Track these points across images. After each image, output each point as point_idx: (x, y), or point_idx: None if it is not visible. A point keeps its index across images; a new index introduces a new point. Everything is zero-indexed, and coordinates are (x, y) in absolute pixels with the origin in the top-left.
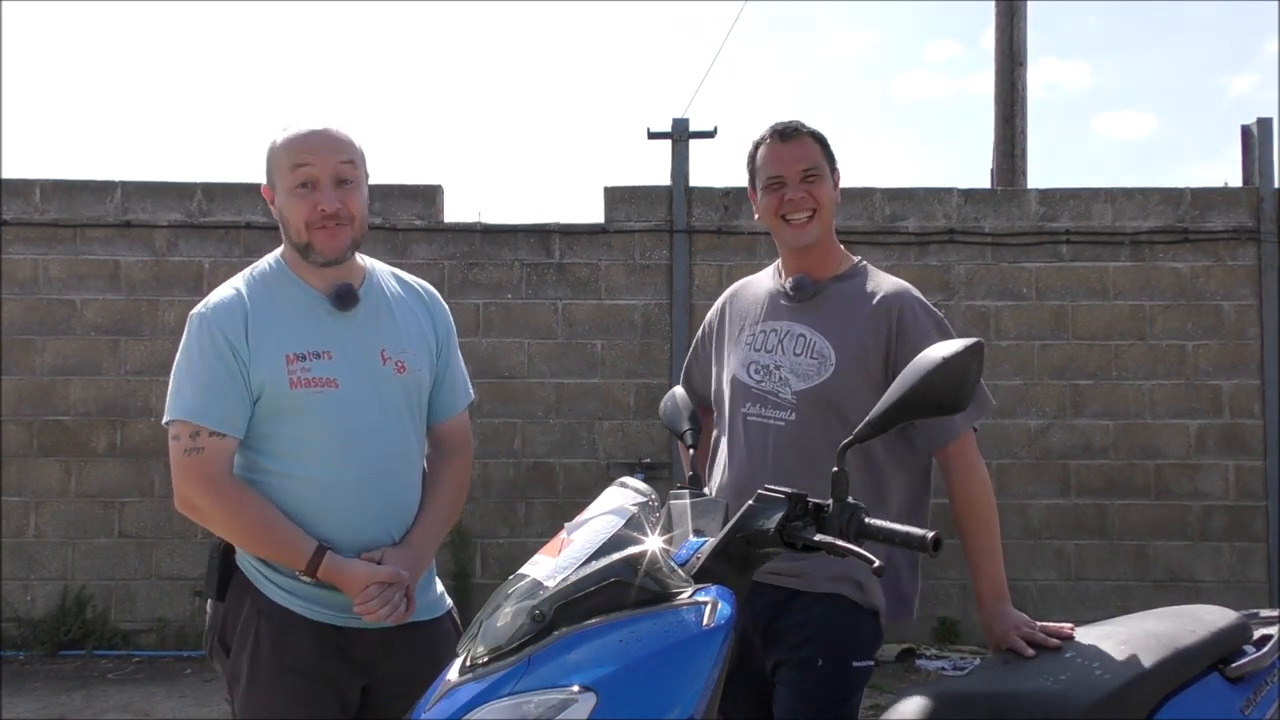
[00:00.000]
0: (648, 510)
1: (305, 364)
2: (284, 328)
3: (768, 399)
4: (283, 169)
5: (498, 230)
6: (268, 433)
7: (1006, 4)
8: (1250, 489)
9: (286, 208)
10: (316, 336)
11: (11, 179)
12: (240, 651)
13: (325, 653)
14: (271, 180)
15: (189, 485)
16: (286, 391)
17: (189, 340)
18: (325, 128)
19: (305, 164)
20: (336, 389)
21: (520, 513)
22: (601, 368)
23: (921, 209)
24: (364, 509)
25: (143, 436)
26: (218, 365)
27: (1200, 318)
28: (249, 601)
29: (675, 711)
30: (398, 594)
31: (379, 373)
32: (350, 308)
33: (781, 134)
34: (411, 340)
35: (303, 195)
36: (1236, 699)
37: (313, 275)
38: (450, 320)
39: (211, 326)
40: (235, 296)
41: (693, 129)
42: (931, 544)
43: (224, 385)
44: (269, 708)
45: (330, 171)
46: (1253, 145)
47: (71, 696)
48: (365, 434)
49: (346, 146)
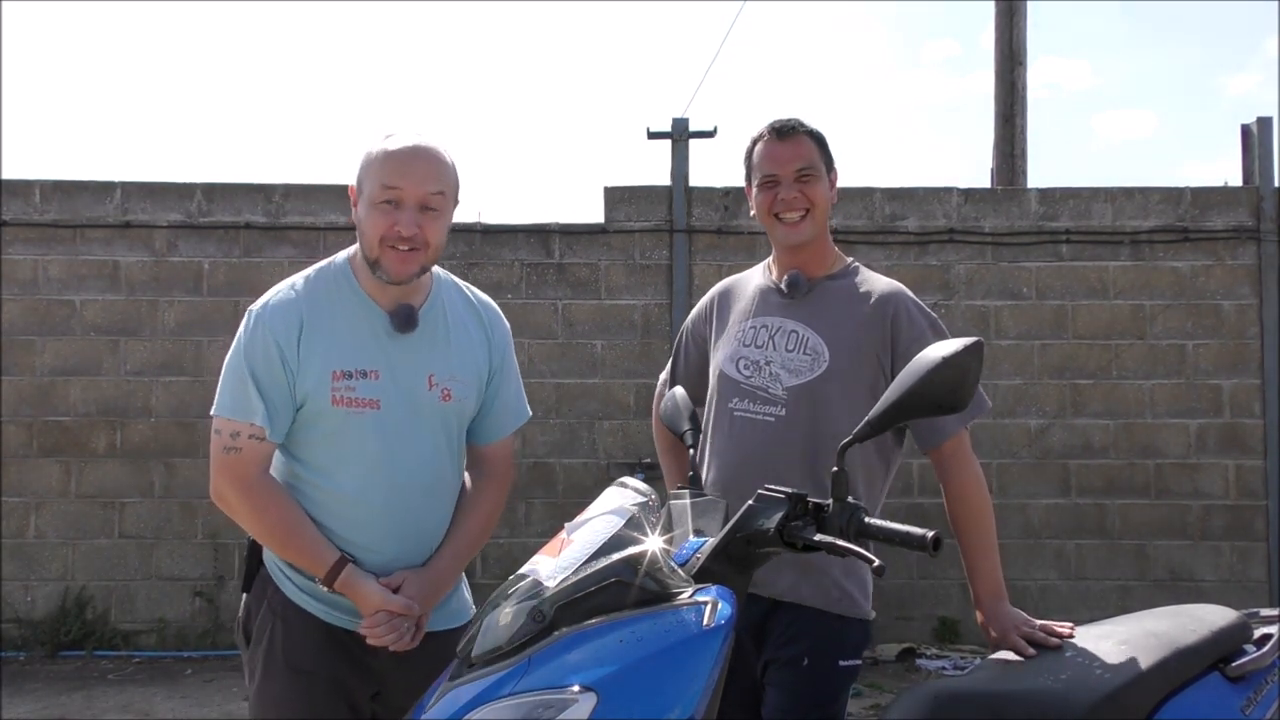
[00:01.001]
0: (648, 510)
1: (350, 382)
2: (336, 340)
3: (756, 394)
4: (373, 180)
5: (498, 230)
6: (305, 440)
7: (1006, 4)
8: (1250, 488)
9: (366, 219)
10: (367, 355)
11: (11, 179)
12: (256, 646)
13: (336, 656)
14: (360, 184)
15: (223, 481)
16: (327, 407)
17: (242, 338)
18: (428, 149)
19: (396, 186)
20: (378, 410)
21: (520, 513)
22: (601, 368)
23: (921, 208)
24: (389, 530)
25: (143, 437)
26: (265, 369)
27: (1200, 317)
28: (268, 598)
29: (675, 711)
30: (406, 624)
31: (423, 397)
32: (408, 330)
33: (778, 132)
34: (463, 367)
35: (384, 211)
36: (1237, 698)
37: (375, 288)
38: (508, 339)
39: (265, 328)
40: (293, 299)
41: (693, 129)
42: (931, 543)
43: (269, 389)
44: (277, 704)
45: (418, 198)
46: (1253, 144)
47: (72, 697)
48: (399, 458)
49: (440, 177)
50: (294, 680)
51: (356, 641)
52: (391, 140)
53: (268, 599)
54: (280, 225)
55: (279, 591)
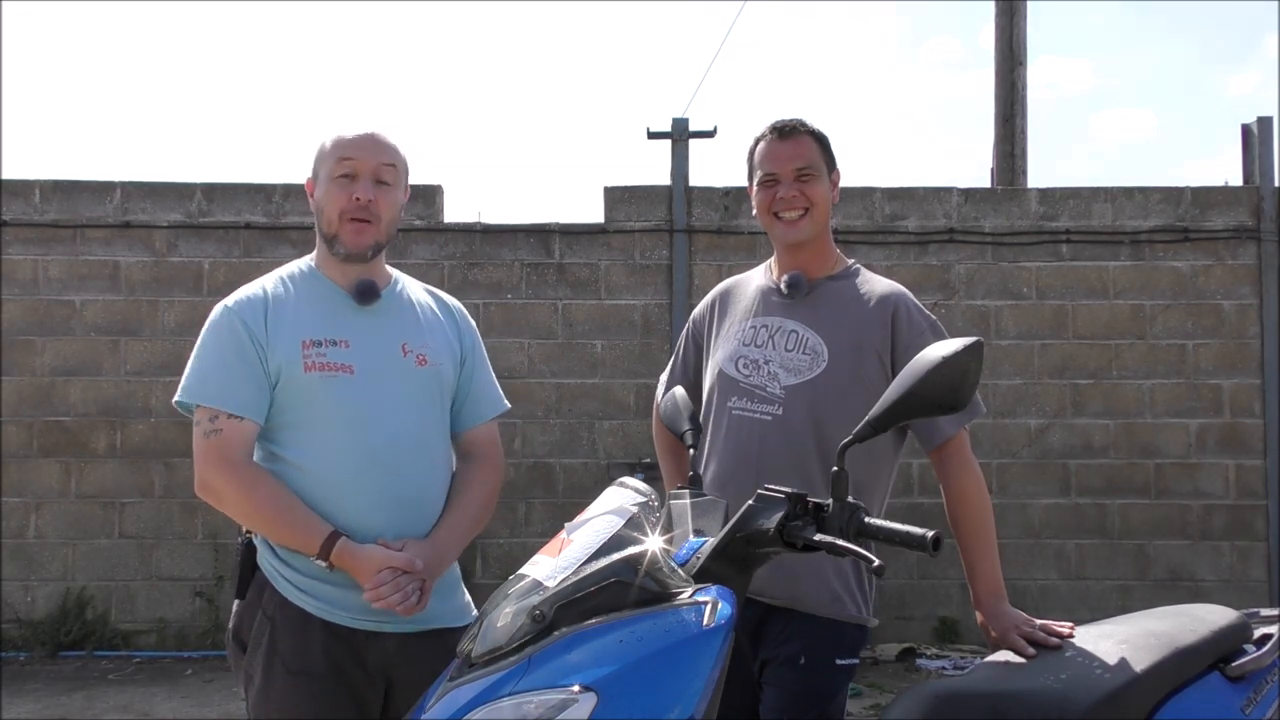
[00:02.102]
0: (648, 510)
1: (321, 349)
2: (302, 315)
3: (755, 393)
4: (328, 162)
5: (498, 230)
6: (283, 422)
7: (1006, 4)
8: (1250, 488)
9: (325, 198)
10: (335, 326)
11: (11, 179)
12: (255, 651)
13: (338, 655)
14: (316, 173)
15: (207, 467)
16: (300, 375)
17: (210, 329)
18: (374, 131)
19: (350, 158)
20: (351, 375)
21: (520, 513)
22: (601, 368)
23: (921, 208)
24: (377, 497)
25: (143, 437)
26: (237, 352)
27: (1200, 317)
28: (264, 601)
29: (675, 711)
30: (411, 583)
31: (399, 363)
32: (370, 302)
33: (780, 131)
34: (434, 338)
35: (341, 185)
36: (1237, 698)
37: (336, 271)
38: (476, 334)
39: (233, 316)
40: (259, 291)
41: (693, 129)
42: (931, 543)
43: (242, 371)
44: (280, 707)
45: (372, 169)
46: (1253, 144)
47: (72, 697)
48: (379, 422)
49: (391, 151)
50: (295, 682)
51: (358, 638)
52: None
53: (263, 605)
54: (280, 225)
55: (275, 594)
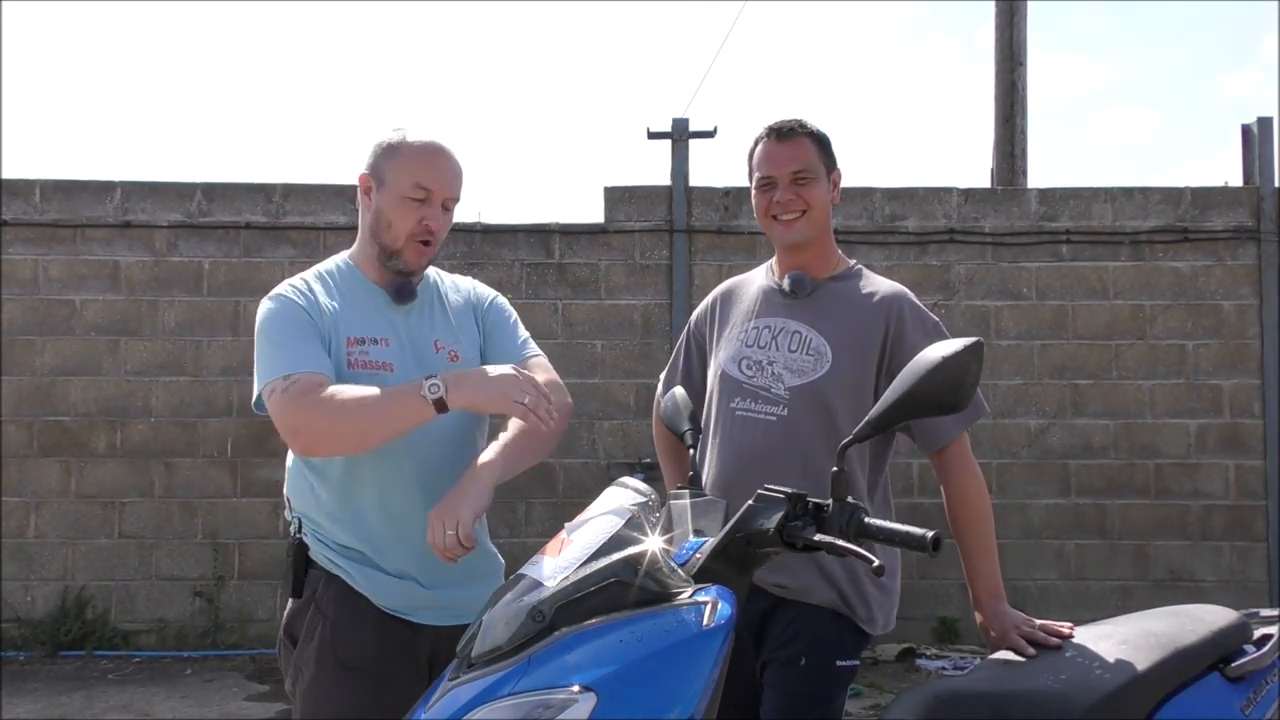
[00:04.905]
0: (648, 510)
1: (364, 347)
2: (345, 312)
3: (758, 394)
4: (403, 175)
5: (498, 230)
6: None
7: (1006, 4)
8: (1250, 489)
9: (394, 213)
10: (375, 324)
11: (11, 179)
12: (306, 644)
13: (389, 649)
14: (380, 175)
15: (291, 414)
16: (344, 372)
17: (265, 320)
18: (452, 153)
19: (428, 187)
20: (391, 372)
21: (520, 513)
22: (601, 368)
23: (921, 208)
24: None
25: (143, 437)
26: (298, 329)
27: (1200, 317)
28: (316, 599)
29: (675, 711)
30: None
31: (432, 360)
32: (407, 301)
33: (778, 133)
34: (463, 331)
35: (414, 208)
36: (1237, 698)
37: (374, 271)
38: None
39: (287, 301)
40: (301, 283)
41: (693, 129)
42: (931, 543)
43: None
44: (329, 701)
45: (444, 197)
46: (1253, 144)
47: (72, 697)
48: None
49: (462, 180)
50: (345, 678)
51: (409, 630)
52: (413, 134)
53: (315, 600)
54: (280, 225)
55: (329, 590)
